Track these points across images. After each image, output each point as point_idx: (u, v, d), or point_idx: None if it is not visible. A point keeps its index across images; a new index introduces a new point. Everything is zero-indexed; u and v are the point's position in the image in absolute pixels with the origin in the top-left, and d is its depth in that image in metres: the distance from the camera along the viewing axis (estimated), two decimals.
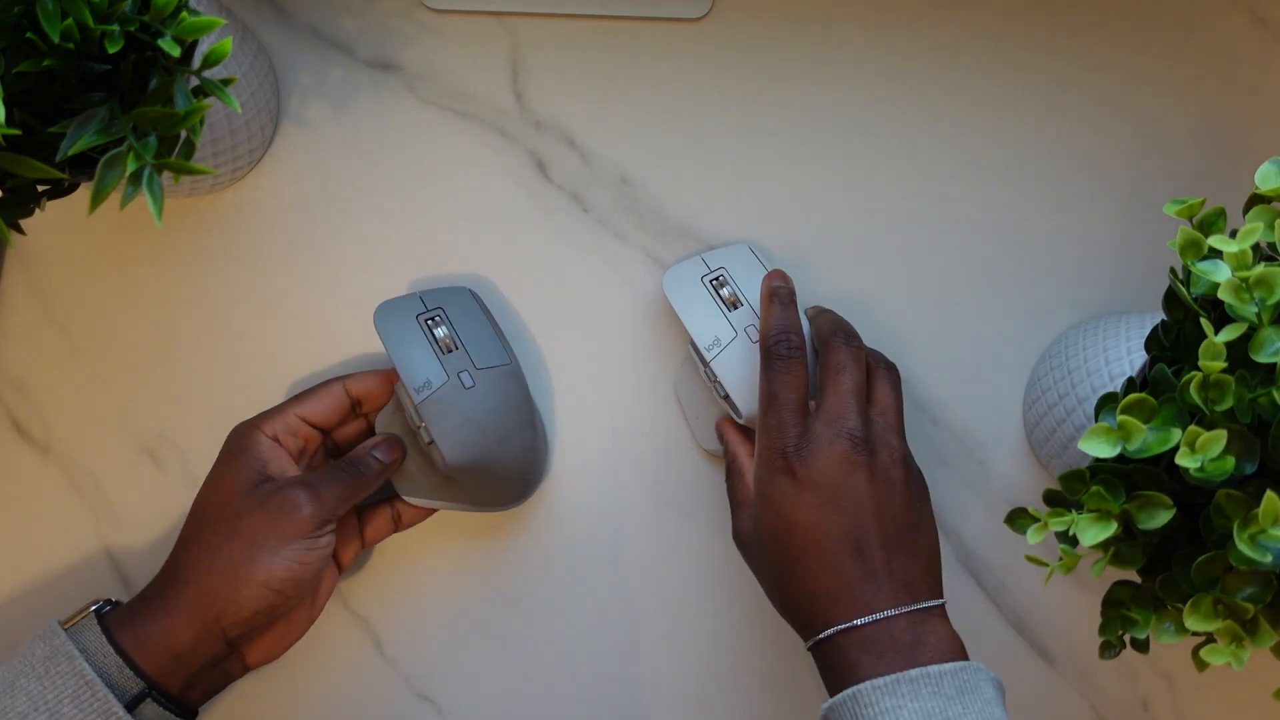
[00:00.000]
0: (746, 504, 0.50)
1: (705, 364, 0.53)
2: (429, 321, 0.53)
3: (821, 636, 0.44)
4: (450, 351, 0.52)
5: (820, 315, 0.53)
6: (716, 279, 0.54)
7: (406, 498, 0.54)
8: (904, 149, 0.58)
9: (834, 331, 0.50)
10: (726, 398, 0.53)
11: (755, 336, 0.52)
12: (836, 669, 0.43)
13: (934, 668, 0.41)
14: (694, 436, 0.57)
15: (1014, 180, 0.57)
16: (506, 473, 0.53)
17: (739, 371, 0.52)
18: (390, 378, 0.54)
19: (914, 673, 0.41)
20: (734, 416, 0.53)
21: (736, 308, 0.53)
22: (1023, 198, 0.57)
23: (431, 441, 0.51)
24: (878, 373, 0.50)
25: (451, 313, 0.54)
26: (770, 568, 0.47)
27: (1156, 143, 0.57)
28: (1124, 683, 0.56)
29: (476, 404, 0.51)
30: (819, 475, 0.45)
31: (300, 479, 0.50)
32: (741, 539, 0.50)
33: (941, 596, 0.46)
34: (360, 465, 0.51)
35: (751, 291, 0.54)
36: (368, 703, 0.57)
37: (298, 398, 0.53)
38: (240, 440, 0.51)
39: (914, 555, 0.45)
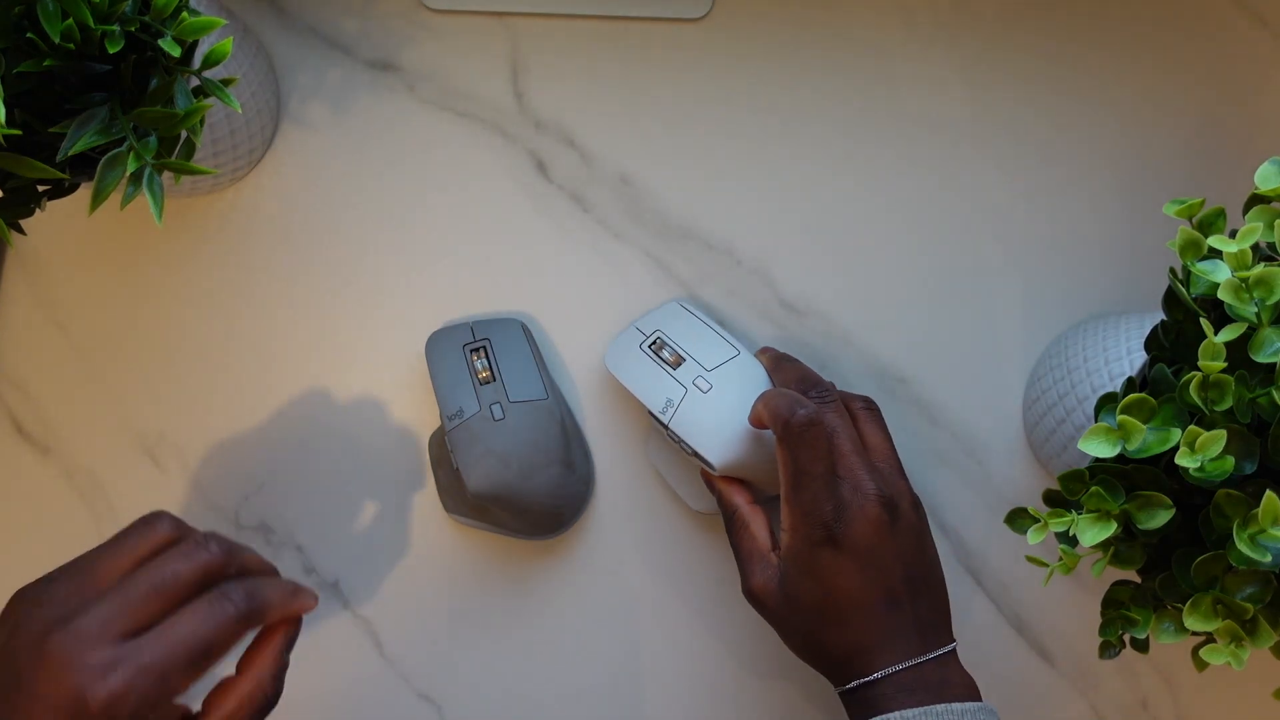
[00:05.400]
0: (758, 557, 0.49)
1: (666, 427, 0.51)
2: (473, 352, 0.54)
3: (859, 683, 0.46)
4: (487, 383, 0.53)
5: (780, 368, 0.51)
6: (654, 343, 0.53)
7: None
8: (904, 149, 0.58)
9: (805, 390, 0.49)
10: (695, 454, 0.51)
11: (705, 387, 0.51)
12: (868, 704, 0.46)
13: (957, 705, 0.44)
14: (684, 501, 0.55)
15: (1013, 180, 0.57)
16: (534, 505, 0.53)
17: (699, 425, 0.50)
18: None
19: (939, 708, 0.44)
20: (709, 469, 0.51)
21: (680, 365, 0.52)
22: (1022, 198, 0.57)
23: (458, 469, 0.52)
24: (860, 416, 0.50)
25: (496, 344, 0.55)
26: (803, 628, 0.47)
27: (1156, 143, 0.57)
28: (1124, 683, 0.56)
29: (504, 436, 0.52)
30: (860, 542, 0.46)
31: None
32: (760, 598, 0.48)
33: (953, 633, 0.48)
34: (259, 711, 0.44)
35: (691, 345, 0.52)
36: (367, 701, 0.57)
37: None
38: None
39: (934, 595, 0.48)
